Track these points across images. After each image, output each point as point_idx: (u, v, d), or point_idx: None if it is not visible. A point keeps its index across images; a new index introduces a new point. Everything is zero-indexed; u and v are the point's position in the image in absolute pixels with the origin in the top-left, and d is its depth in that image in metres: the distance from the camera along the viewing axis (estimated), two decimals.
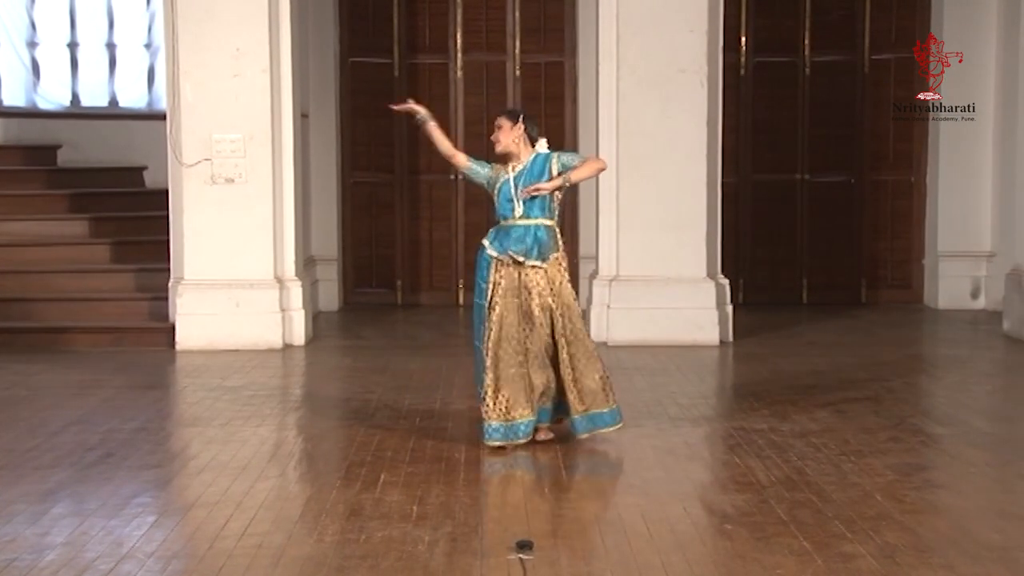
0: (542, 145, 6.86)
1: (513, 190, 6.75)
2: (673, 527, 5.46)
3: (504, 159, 6.86)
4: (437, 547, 5.18)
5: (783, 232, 12.53)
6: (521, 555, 5.04)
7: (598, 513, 5.76)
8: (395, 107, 7.18)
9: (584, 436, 6.80)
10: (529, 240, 6.73)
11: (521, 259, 6.71)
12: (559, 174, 6.73)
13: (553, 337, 6.73)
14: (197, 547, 5.29)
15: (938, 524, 5.56)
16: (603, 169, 7.06)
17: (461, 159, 6.92)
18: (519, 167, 6.80)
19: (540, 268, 6.73)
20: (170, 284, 10.32)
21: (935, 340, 11.12)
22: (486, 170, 6.88)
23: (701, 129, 10.20)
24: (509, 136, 6.81)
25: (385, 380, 8.83)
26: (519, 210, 6.75)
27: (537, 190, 6.69)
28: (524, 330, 6.68)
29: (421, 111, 6.94)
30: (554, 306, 6.72)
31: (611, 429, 6.86)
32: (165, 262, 10.43)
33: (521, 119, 6.86)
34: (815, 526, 5.42)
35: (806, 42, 12.40)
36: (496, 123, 6.92)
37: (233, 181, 10.08)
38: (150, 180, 12.44)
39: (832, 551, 5.10)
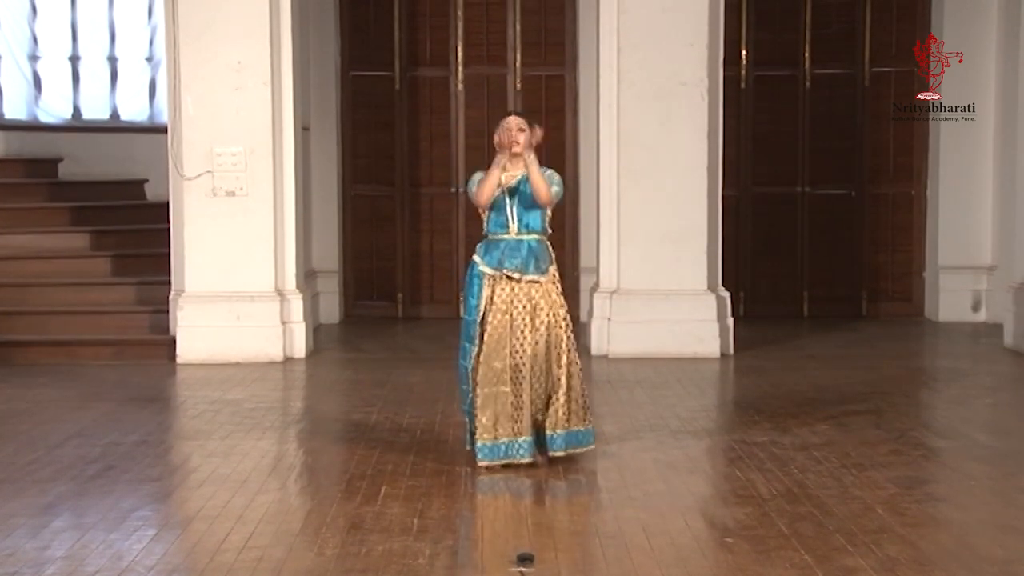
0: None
1: (506, 207, 6.61)
2: (674, 540, 5.46)
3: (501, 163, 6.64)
4: (438, 560, 5.18)
5: (784, 245, 12.53)
6: (522, 568, 5.04)
7: (599, 526, 5.76)
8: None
9: (560, 454, 6.64)
10: (524, 254, 6.58)
11: (517, 275, 6.58)
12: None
13: (548, 352, 6.59)
14: (197, 560, 5.29)
15: (939, 537, 5.56)
16: (544, 198, 6.57)
17: (486, 201, 6.68)
18: (512, 180, 6.61)
19: (537, 282, 6.60)
20: (171, 297, 10.32)
21: (936, 353, 11.12)
22: (477, 179, 6.71)
23: (702, 142, 10.21)
24: (528, 143, 6.57)
25: (386, 393, 8.82)
26: (513, 227, 6.62)
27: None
28: (516, 347, 6.55)
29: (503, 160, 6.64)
30: (550, 321, 6.59)
31: (591, 447, 6.74)
32: (166, 275, 10.43)
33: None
34: (816, 539, 5.42)
35: (806, 55, 12.41)
36: (518, 124, 6.60)
37: (234, 194, 10.08)
38: (151, 193, 12.45)
39: (833, 564, 5.09)
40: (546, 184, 6.57)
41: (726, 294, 10.46)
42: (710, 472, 6.92)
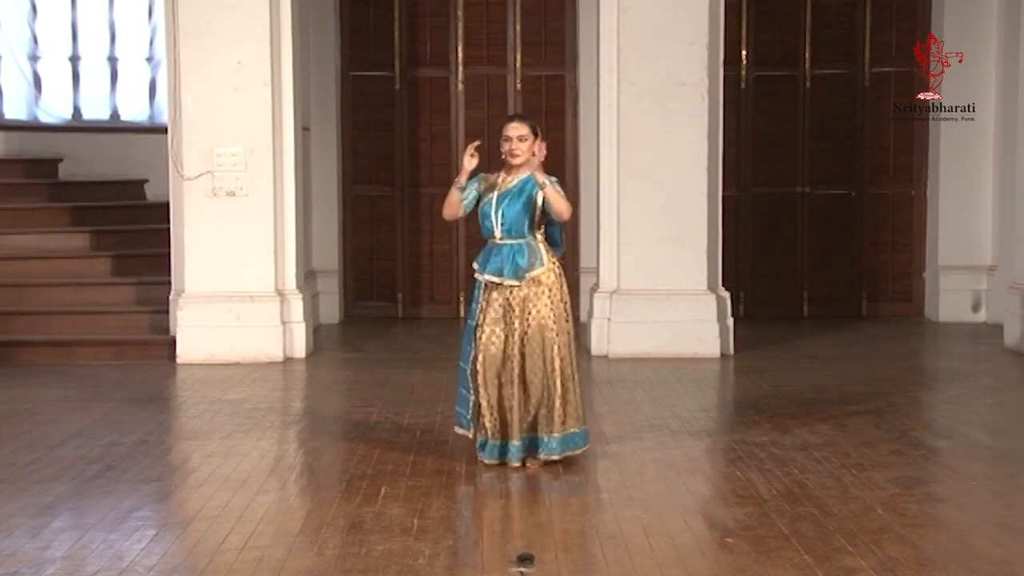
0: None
1: (494, 214, 6.58)
2: (674, 541, 5.46)
3: (504, 168, 6.66)
4: (438, 560, 5.18)
5: (784, 245, 12.53)
6: (522, 569, 5.04)
7: (599, 526, 5.76)
8: (470, 152, 6.59)
9: (556, 458, 6.60)
10: (508, 261, 6.54)
11: (498, 280, 6.55)
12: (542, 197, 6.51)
13: (544, 353, 6.55)
14: (197, 561, 5.29)
15: (939, 538, 5.56)
16: (566, 217, 6.59)
17: (459, 213, 6.71)
18: (507, 185, 6.60)
19: (518, 286, 6.52)
20: (171, 297, 10.32)
21: (936, 353, 11.12)
22: (475, 192, 6.67)
23: (702, 142, 10.21)
24: (531, 150, 6.56)
25: (386, 393, 8.82)
26: (498, 232, 6.59)
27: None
28: (508, 351, 6.52)
29: (464, 181, 6.60)
30: (542, 322, 6.55)
31: (581, 450, 6.69)
32: (166, 275, 10.43)
33: (538, 131, 6.65)
34: (816, 540, 5.42)
35: (806, 55, 12.41)
36: (518, 133, 6.56)
37: (234, 194, 10.08)
38: (151, 193, 12.46)
39: (833, 565, 5.10)
40: (566, 203, 6.55)
41: (726, 294, 10.46)
42: (710, 472, 6.91)
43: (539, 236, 6.65)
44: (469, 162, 6.57)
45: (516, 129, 6.61)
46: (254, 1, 10.01)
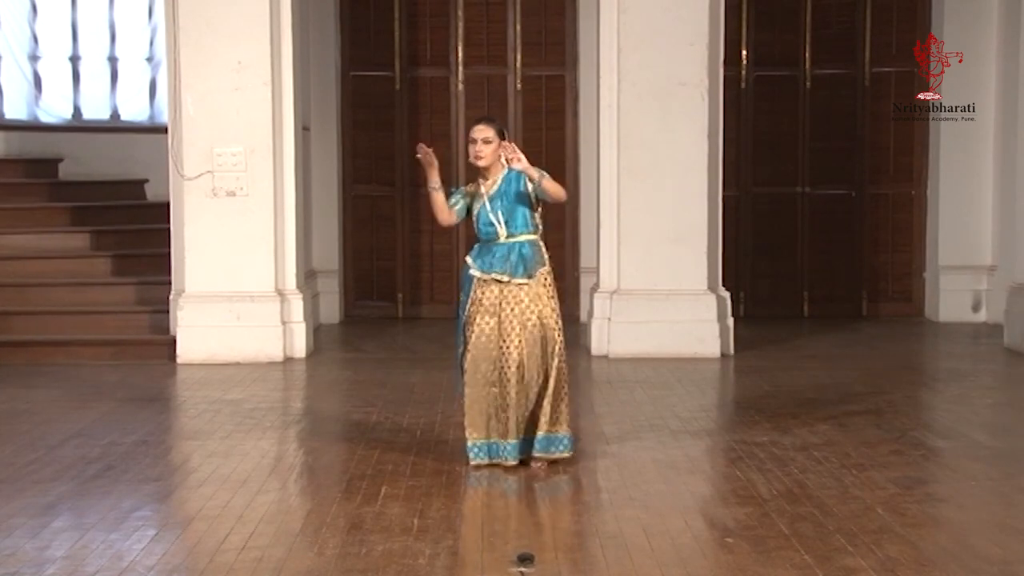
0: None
1: (491, 214, 6.60)
2: (674, 541, 5.46)
3: (479, 173, 6.70)
4: (438, 560, 5.18)
5: (784, 245, 12.54)
6: (522, 569, 5.04)
7: (599, 526, 5.76)
8: (420, 155, 6.72)
9: (540, 455, 6.60)
10: (514, 258, 6.57)
11: (506, 279, 6.55)
12: (535, 180, 6.49)
13: (541, 354, 6.55)
14: (197, 560, 5.29)
15: (939, 537, 5.56)
16: (564, 199, 6.65)
17: (452, 218, 6.75)
18: (493, 188, 6.63)
19: (525, 285, 6.56)
20: (171, 297, 10.32)
21: (936, 353, 11.12)
22: (463, 200, 6.73)
23: (702, 142, 10.21)
24: (496, 153, 6.58)
25: (386, 393, 8.82)
26: (503, 231, 6.60)
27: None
28: (504, 350, 6.53)
29: (435, 181, 6.68)
30: (543, 323, 6.56)
31: (566, 454, 6.65)
32: (166, 275, 10.44)
33: (504, 133, 6.68)
34: (816, 539, 5.42)
35: (807, 55, 12.41)
36: (483, 136, 6.61)
37: (234, 194, 10.08)
38: (151, 193, 12.46)
39: (833, 565, 5.10)
40: (558, 187, 6.55)
41: (726, 294, 10.46)
42: (710, 472, 6.92)
43: (539, 225, 6.66)
44: (431, 162, 6.62)
45: (481, 132, 6.64)
46: (254, 1, 10.01)
